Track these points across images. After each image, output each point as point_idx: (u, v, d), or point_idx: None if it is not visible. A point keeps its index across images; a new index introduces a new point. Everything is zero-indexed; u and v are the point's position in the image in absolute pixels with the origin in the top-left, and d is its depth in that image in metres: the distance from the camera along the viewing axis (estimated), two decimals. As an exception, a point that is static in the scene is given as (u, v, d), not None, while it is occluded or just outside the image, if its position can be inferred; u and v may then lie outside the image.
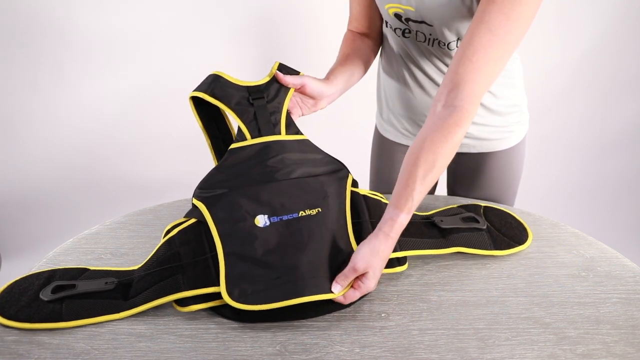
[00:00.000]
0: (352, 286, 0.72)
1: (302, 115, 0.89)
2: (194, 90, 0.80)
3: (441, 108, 0.74)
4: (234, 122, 0.82)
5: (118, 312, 0.69)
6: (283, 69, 0.85)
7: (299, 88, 0.85)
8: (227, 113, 0.81)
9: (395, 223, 0.72)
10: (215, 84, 0.80)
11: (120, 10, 1.84)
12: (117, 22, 1.87)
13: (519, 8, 0.69)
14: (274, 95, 0.83)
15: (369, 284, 0.71)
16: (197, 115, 0.83)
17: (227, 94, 0.80)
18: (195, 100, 0.82)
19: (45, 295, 0.70)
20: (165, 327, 0.69)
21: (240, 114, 0.80)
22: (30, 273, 0.74)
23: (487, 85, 0.74)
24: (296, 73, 0.86)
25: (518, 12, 0.70)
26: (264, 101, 0.81)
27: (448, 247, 0.82)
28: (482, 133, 1.00)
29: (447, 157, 0.73)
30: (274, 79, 0.84)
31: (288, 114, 0.84)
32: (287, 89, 0.84)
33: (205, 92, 0.79)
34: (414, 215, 0.87)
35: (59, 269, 0.75)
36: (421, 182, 0.71)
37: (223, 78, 0.81)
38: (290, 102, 0.85)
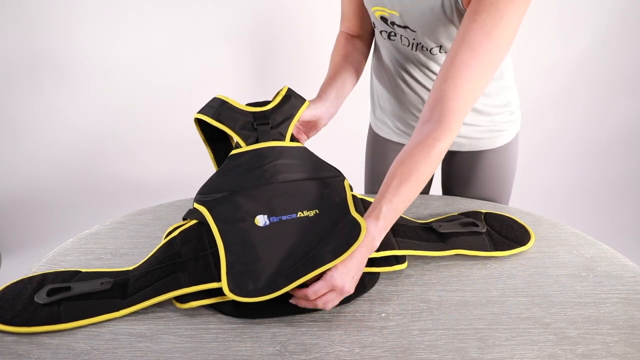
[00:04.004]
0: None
1: (308, 138, 0.92)
2: (200, 113, 0.82)
3: (424, 124, 0.75)
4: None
5: (118, 310, 0.69)
6: (292, 94, 0.86)
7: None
8: (231, 136, 0.83)
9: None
10: (221, 108, 0.82)
11: (121, 12, 1.85)
12: (118, 25, 1.87)
13: (500, 27, 0.70)
14: (280, 122, 0.84)
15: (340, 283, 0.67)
16: (201, 134, 0.86)
17: (233, 119, 0.81)
18: (200, 121, 0.84)
19: (41, 298, 0.69)
20: (165, 327, 0.69)
21: (244, 138, 0.82)
22: (21, 278, 0.74)
23: (469, 101, 0.75)
24: (302, 100, 0.86)
25: (499, 31, 0.71)
26: (267, 127, 0.83)
27: (447, 250, 0.82)
28: (469, 132, 1.01)
29: (425, 172, 0.73)
30: (280, 104, 0.84)
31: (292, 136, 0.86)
32: (292, 117, 0.85)
33: (212, 117, 0.81)
34: (412, 221, 0.87)
35: (50, 273, 0.74)
36: (394, 192, 0.71)
37: (229, 103, 0.82)
38: (293, 130, 0.87)
